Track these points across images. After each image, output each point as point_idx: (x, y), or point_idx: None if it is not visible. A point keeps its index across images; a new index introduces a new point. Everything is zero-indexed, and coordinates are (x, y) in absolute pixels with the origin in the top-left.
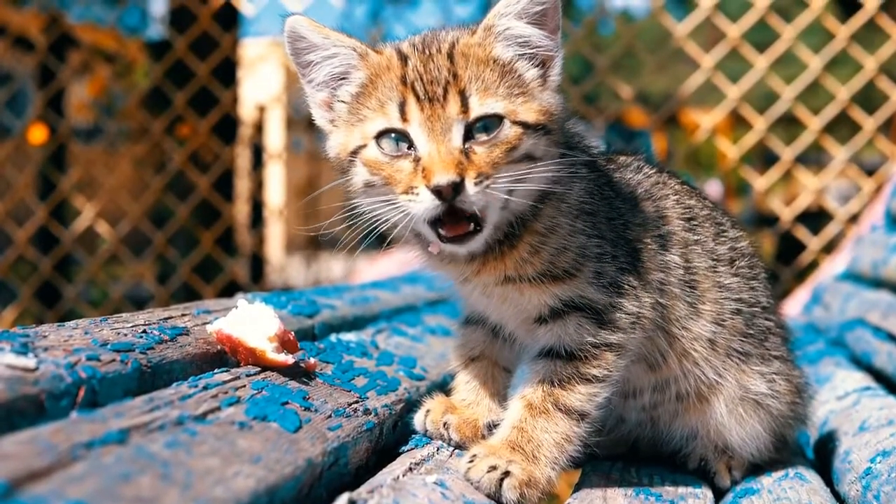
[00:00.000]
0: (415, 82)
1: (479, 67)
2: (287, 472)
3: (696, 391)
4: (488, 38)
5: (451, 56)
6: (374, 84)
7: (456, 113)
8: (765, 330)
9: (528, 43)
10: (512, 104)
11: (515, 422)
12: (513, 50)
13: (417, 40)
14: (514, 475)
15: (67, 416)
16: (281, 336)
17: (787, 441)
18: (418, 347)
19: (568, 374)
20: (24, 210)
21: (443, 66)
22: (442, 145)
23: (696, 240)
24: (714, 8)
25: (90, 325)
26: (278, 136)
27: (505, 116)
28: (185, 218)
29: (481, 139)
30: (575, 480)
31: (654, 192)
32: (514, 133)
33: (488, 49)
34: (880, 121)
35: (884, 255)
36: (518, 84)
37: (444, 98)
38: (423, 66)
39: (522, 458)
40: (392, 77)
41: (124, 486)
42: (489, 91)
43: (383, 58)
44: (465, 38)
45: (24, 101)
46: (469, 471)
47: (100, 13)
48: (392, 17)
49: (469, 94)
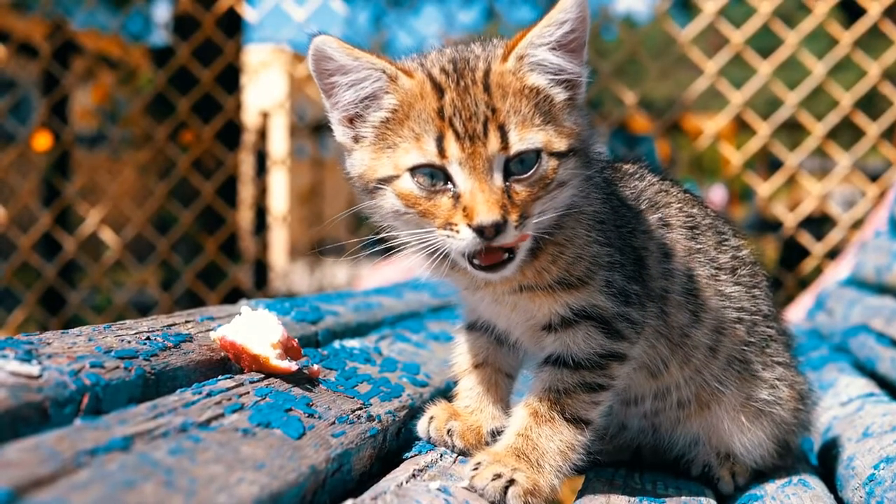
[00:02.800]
0: (453, 118)
1: (516, 98)
2: (290, 478)
3: (696, 398)
4: (522, 67)
5: (488, 87)
6: (406, 112)
7: (496, 150)
8: (766, 338)
9: (560, 71)
10: (547, 135)
11: (520, 429)
12: (546, 78)
13: (447, 63)
14: (518, 483)
15: (71, 423)
16: (284, 343)
17: (790, 447)
18: (422, 354)
19: (574, 383)
20: (29, 217)
21: (480, 99)
22: (485, 184)
23: (699, 248)
24: (717, 14)
25: (94, 332)
26: (282, 142)
27: (543, 149)
28: (188, 224)
29: (522, 176)
30: (578, 486)
31: (658, 200)
32: (552, 166)
33: (523, 79)
34: (884, 126)
35: (887, 261)
36: (550, 111)
37: (484, 135)
38: (460, 100)
39: (527, 466)
40: (427, 108)
41: (128, 494)
42: (526, 124)
43: (415, 84)
44: (498, 65)
45: (28, 108)
46: (474, 478)
47: (103, 20)
48: (395, 22)
49: (508, 129)
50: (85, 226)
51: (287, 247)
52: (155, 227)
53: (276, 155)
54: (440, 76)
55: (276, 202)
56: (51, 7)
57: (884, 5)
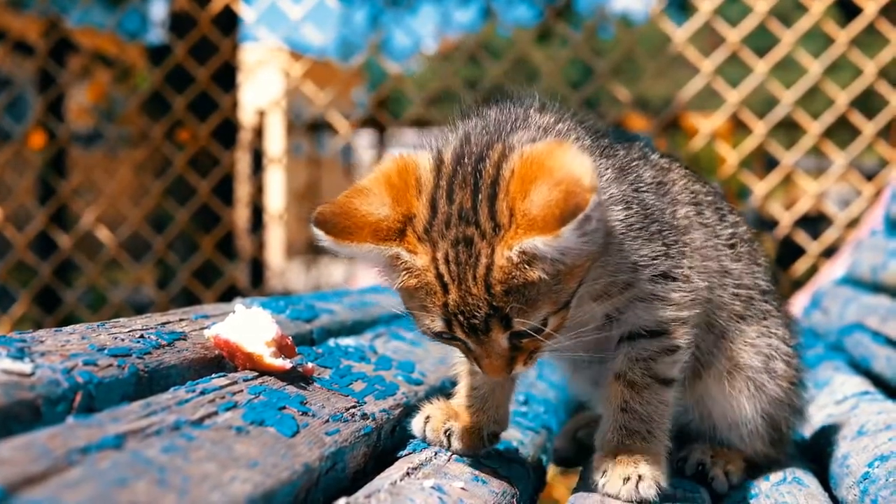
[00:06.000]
0: (456, 314)
1: (517, 291)
2: (284, 476)
3: (691, 369)
4: (523, 262)
5: (489, 287)
6: (416, 287)
7: (499, 336)
8: (764, 311)
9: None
10: (553, 298)
11: (621, 403)
12: (551, 268)
13: (451, 253)
14: (646, 477)
15: (64, 421)
16: (278, 341)
17: (782, 433)
18: (416, 352)
19: (655, 349)
20: (24, 215)
21: (482, 301)
22: (488, 357)
23: (704, 224)
24: (714, 13)
25: (87, 330)
26: (278, 140)
27: (548, 316)
28: (184, 223)
29: (527, 339)
30: (573, 484)
31: (664, 178)
32: (559, 317)
33: (526, 274)
34: (880, 125)
35: (883, 260)
36: (557, 277)
37: (486, 330)
38: (461, 300)
39: (640, 442)
40: (434, 300)
41: (120, 492)
42: (529, 312)
43: (421, 265)
44: (501, 259)
45: (24, 106)
46: (605, 486)
47: (99, 18)
48: (392, 21)
49: (511, 317)
50: (81, 224)
51: (283, 245)
52: (151, 225)
53: (272, 153)
54: (443, 268)
55: (273, 200)
56: (47, 5)
57: (880, 4)
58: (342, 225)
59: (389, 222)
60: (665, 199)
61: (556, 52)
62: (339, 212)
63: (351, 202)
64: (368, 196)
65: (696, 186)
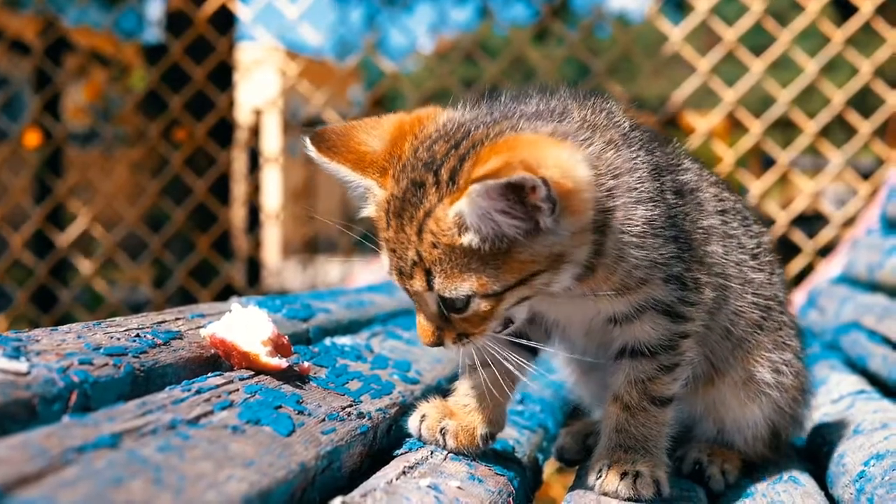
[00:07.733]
0: (393, 252)
1: (445, 251)
2: (280, 475)
3: (705, 375)
4: (457, 224)
5: (420, 232)
6: (376, 219)
7: (422, 289)
8: (780, 322)
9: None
10: (483, 280)
11: (616, 425)
12: (482, 244)
13: (405, 192)
14: (643, 474)
15: (60, 420)
16: (274, 340)
17: (781, 440)
18: (413, 351)
19: (654, 369)
20: (20, 214)
21: (410, 243)
22: (420, 313)
23: (731, 234)
24: (710, 12)
25: (83, 329)
26: (275, 139)
27: (473, 295)
28: (181, 222)
29: (456, 313)
30: (570, 483)
31: (696, 185)
32: (487, 305)
33: (455, 237)
34: (876, 124)
35: (879, 259)
36: (494, 259)
37: (410, 275)
38: (395, 236)
39: (638, 455)
40: (382, 234)
41: (116, 491)
42: (452, 279)
43: (381, 198)
44: (440, 211)
45: (20, 105)
46: (603, 484)
47: (96, 17)
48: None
49: (433, 273)
50: (77, 223)
51: (280, 244)
52: (147, 224)
53: (269, 152)
54: (390, 198)
55: (269, 200)
56: (43, 4)
57: (876, 3)
58: (331, 143)
59: (375, 157)
60: (691, 206)
61: (553, 51)
62: (338, 132)
63: (354, 129)
64: (375, 129)
65: (726, 195)
